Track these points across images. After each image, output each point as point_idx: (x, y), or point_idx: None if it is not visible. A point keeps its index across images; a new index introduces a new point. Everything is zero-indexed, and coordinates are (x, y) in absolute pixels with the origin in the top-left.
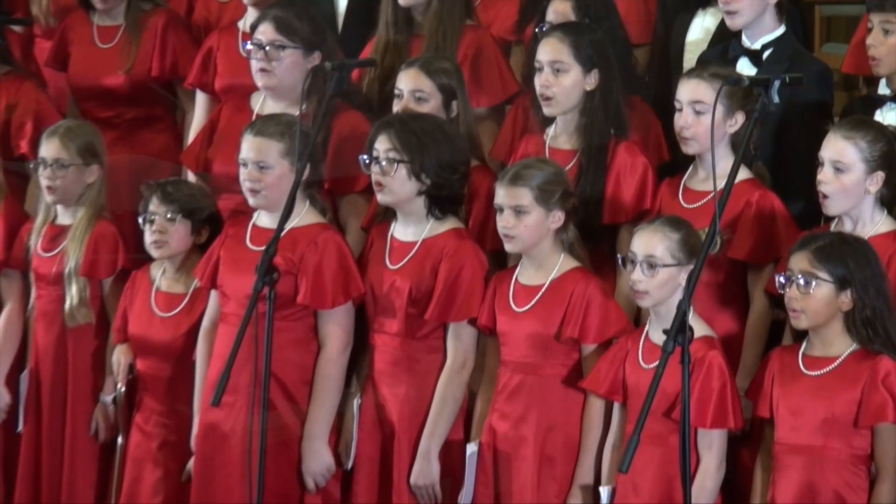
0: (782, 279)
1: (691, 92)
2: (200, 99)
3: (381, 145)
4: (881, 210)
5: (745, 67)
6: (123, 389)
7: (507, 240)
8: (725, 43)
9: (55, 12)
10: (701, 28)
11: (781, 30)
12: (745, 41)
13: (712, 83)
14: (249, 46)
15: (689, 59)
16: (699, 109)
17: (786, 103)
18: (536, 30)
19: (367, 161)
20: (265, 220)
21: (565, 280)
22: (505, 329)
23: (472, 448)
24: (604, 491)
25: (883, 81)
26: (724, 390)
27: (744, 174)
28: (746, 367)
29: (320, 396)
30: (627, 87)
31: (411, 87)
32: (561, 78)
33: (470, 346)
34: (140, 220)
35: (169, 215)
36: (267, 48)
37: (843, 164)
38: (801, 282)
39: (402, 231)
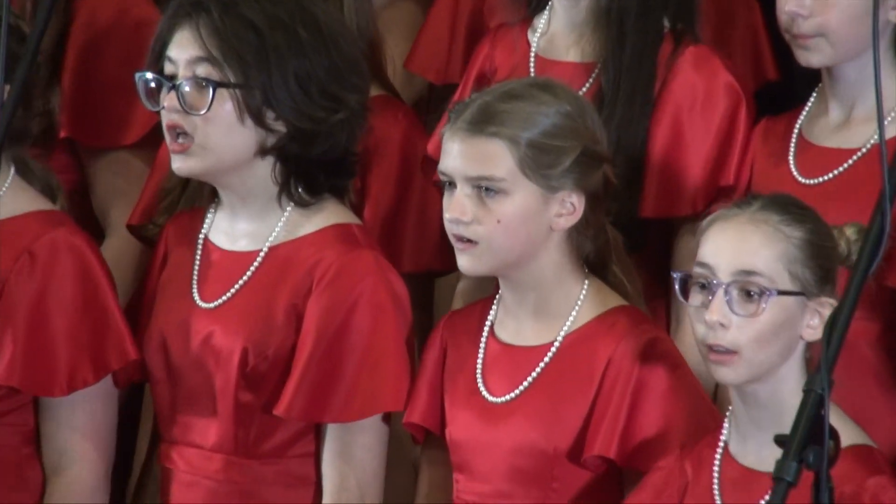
0: None
1: None
2: None
3: (182, 51)
4: None
5: None
6: None
7: (463, 248)
8: None
9: None
10: None
11: None
12: None
13: None
14: None
15: None
16: None
17: None
18: None
19: (154, 84)
20: None
21: (595, 335)
22: (464, 436)
23: None
24: None
25: None
26: None
27: None
28: None
29: None
30: None
31: None
32: None
33: (371, 470)
34: None
35: None
36: None
37: None
38: None
39: (226, 230)
